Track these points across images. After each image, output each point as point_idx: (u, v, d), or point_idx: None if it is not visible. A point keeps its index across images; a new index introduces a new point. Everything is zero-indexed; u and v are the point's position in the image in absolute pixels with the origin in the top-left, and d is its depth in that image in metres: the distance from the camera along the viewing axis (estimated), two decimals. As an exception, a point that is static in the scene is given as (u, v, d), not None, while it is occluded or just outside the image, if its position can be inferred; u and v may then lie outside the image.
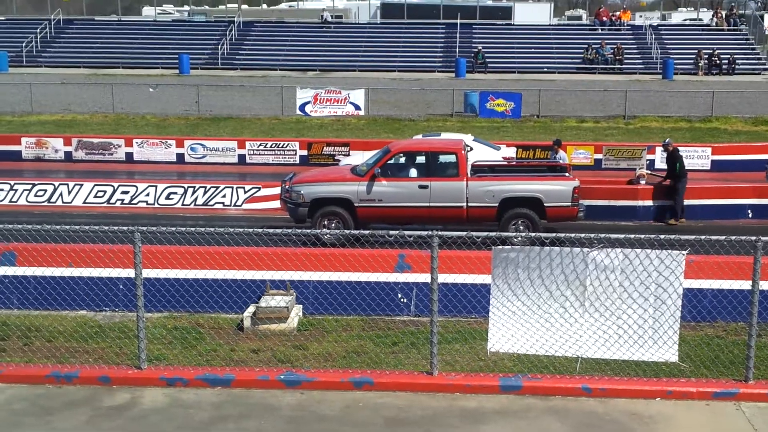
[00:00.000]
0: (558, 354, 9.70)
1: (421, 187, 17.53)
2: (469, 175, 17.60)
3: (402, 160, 18.14)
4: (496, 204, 17.43)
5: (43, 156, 27.93)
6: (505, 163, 19.92)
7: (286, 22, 56.29)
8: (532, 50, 50.54)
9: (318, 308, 12.62)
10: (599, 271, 9.41)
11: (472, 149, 21.71)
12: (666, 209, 20.25)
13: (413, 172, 17.86)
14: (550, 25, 56.47)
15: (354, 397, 9.47)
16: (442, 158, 18.04)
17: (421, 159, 18.04)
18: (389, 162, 17.93)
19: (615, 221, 19.97)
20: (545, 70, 48.07)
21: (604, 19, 53.77)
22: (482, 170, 18.14)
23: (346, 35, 53.69)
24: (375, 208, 17.58)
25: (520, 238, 15.95)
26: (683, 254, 9.33)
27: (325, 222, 17.57)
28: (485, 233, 10.33)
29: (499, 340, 9.71)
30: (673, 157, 20.34)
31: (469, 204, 17.48)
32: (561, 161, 20.19)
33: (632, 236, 9.60)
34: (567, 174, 18.14)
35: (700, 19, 59.59)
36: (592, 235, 9.54)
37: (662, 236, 9.61)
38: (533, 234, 10.39)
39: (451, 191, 17.48)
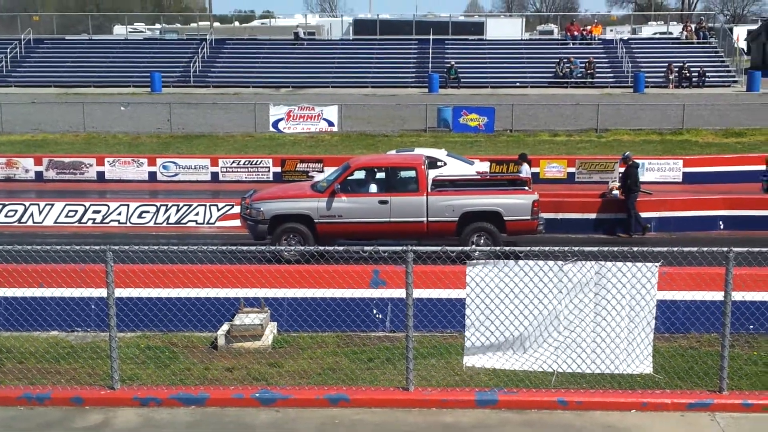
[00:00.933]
0: (534, 368, 9.70)
1: (381, 202, 17.54)
2: (429, 190, 17.63)
3: (361, 175, 18.13)
4: (457, 218, 17.46)
5: (13, 176, 27.67)
6: (466, 177, 19.93)
7: (259, 40, 56.33)
8: (505, 65, 50.88)
9: (293, 325, 12.56)
10: (573, 284, 9.43)
11: (445, 164, 21.81)
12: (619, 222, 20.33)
13: (373, 188, 17.86)
14: (522, 39, 56.88)
15: (330, 414, 9.41)
16: (402, 173, 18.07)
17: (380, 174, 18.05)
18: (349, 178, 17.91)
19: (589, 234, 20.08)
20: (518, 84, 48.39)
21: (576, 33, 54.24)
22: (443, 185, 18.17)
23: (319, 52, 53.78)
24: (335, 224, 17.55)
25: (485, 253, 15.96)
26: (656, 266, 9.37)
27: (285, 239, 17.49)
28: (460, 248, 10.33)
29: (474, 355, 9.70)
30: (628, 172, 20.40)
31: (430, 219, 17.49)
32: (523, 175, 20.24)
33: (605, 249, 9.63)
34: (527, 188, 18.20)
35: (670, 33, 60.26)
36: (566, 248, 9.55)
37: (635, 248, 9.66)
38: (507, 248, 10.39)
39: (411, 206, 17.49)
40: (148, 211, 21.34)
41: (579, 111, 38.02)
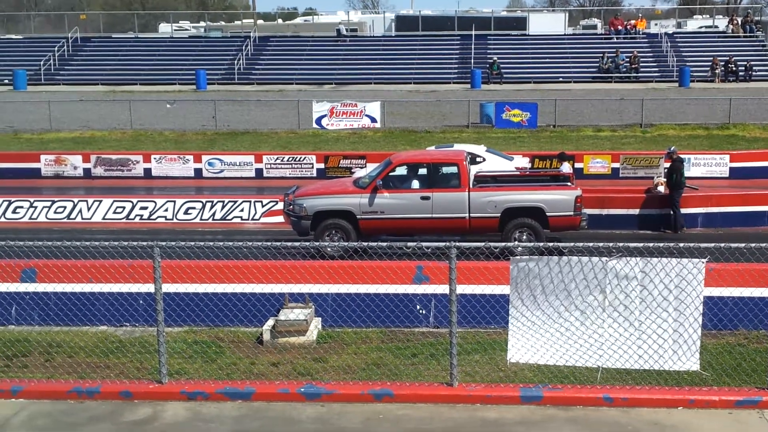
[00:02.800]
0: (578, 364, 9.66)
1: (423, 198, 17.55)
2: (471, 186, 17.60)
3: (403, 171, 18.16)
4: (499, 214, 17.42)
5: (62, 173, 28.14)
6: (509, 173, 19.87)
7: (302, 37, 56.54)
8: (548, 60, 50.52)
9: (337, 321, 12.63)
10: (618, 280, 9.39)
11: (484, 160, 21.75)
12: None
13: (415, 184, 17.89)
14: (565, 34, 56.43)
15: (374, 409, 9.47)
16: (444, 169, 18.06)
17: (422, 171, 18.07)
18: (391, 174, 17.96)
19: (634, 230, 19.91)
20: (561, 79, 48.02)
21: (619, 27, 53.68)
22: (485, 181, 18.13)
23: (362, 48, 53.86)
24: (377, 220, 17.60)
25: (528, 248, 15.91)
26: (703, 262, 9.29)
27: (328, 235, 17.59)
28: (503, 244, 10.33)
29: (518, 351, 9.69)
30: (673, 167, 20.16)
31: (472, 215, 17.47)
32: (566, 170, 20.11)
33: (651, 245, 9.56)
34: (570, 183, 18.10)
35: (716, 26, 59.34)
36: (611, 244, 9.50)
37: (681, 244, 9.57)
38: (551, 244, 10.38)
39: (453, 202, 17.49)
40: (194, 208, 21.59)
41: (623, 106, 37.66)
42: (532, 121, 34.48)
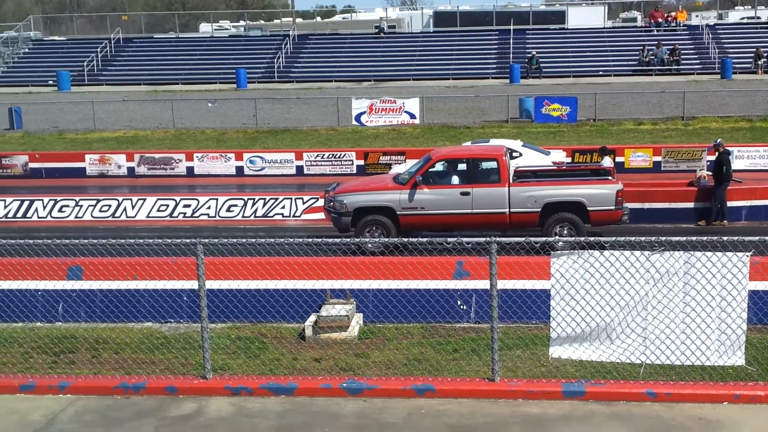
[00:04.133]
0: (621, 359, 9.61)
1: (462, 194, 17.54)
2: (511, 181, 17.55)
3: (443, 167, 18.17)
4: (539, 209, 17.35)
5: (106, 172, 28.53)
6: (548, 167, 19.77)
7: (340, 34, 56.72)
8: (587, 54, 50.14)
9: (378, 316, 12.68)
10: (661, 275, 9.32)
11: (521, 155, 21.66)
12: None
13: (455, 179, 17.88)
14: (604, 27, 55.94)
15: (416, 404, 9.50)
16: (484, 164, 18.03)
17: (462, 166, 18.06)
18: (430, 169, 17.96)
19: (676, 224, 19.72)
20: (601, 73, 47.65)
21: (660, 20, 53.10)
22: (525, 175, 18.07)
23: (400, 45, 53.88)
24: (417, 216, 17.62)
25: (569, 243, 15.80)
26: (748, 256, 9.19)
27: (368, 231, 17.65)
28: (543, 239, 10.30)
29: (560, 346, 9.67)
30: (720, 159, 19.91)
31: (512, 210, 17.41)
32: (607, 164, 19.98)
33: (694, 238, 9.48)
34: (611, 177, 17.97)
35: (758, 17, 58.45)
36: (653, 238, 9.43)
37: (725, 238, 9.47)
38: (592, 239, 10.31)
39: (493, 197, 17.45)
40: (236, 205, 21.78)
41: (664, 99, 37.27)
42: (571, 115, 34.27)
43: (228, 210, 21.78)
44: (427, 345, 11.45)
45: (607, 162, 20.69)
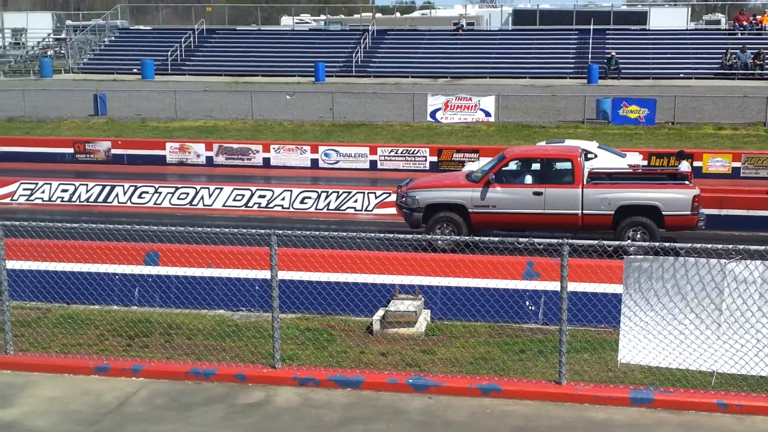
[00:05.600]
0: (692, 368, 9.46)
1: (535, 193, 17.42)
2: (585, 182, 17.36)
3: (516, 166, 18.07)
4: (612, 212, 17.13)
5: (186, 160, 29.10)
6: (623, 170, 19.50)
7: (419, 30, 56.68)
8: (668, 56, 49.16)
9: (446, 313, 12.71)
10: (737, 284, 9.14)
11: (596, 156, 21.42)
12: None
13: (528, 179, 17.78)
14: (687, 29, 54.77)
15: (481, 403, 9.51)
16: (558, 165, 17.89)
17: (536, 166, 17.95)
18: (504, 168, 17.88)
19: (755, 232, 19.27)
20: (681, 75, 46.68)
21: (744, 23, 51.76)
22: (599, 177, 17.85)
23: (478, 42, 53.62)
24: (489, 214, 17.56)
25: (643, 248, 15.56)
26: (827, 268, 8.96)
27: (439, 228, 17.65)
28: (617, 242, 10.19)
29: (629, 352, 9.56)
30: None
31: (585, 211, 17.23)
32: (683, 168, 19.61)
33: (772, 248, 9.28)
34: (687, 182, 17.63)
35: None
36: (730, 246, 9.25)
37: (805, 249, 9.24)
38: (667, 244, 10.17)
39: (566, 198, 17.29)
40: (309, 197, 22.02)
41: (746, 104, 36.33)
42: (649, 117, 33.67)
43: (302, 202, 22.03)
44: (493, 344, 11.43)
45: (684, 166, 20.31)
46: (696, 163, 24.62)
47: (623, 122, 33.56)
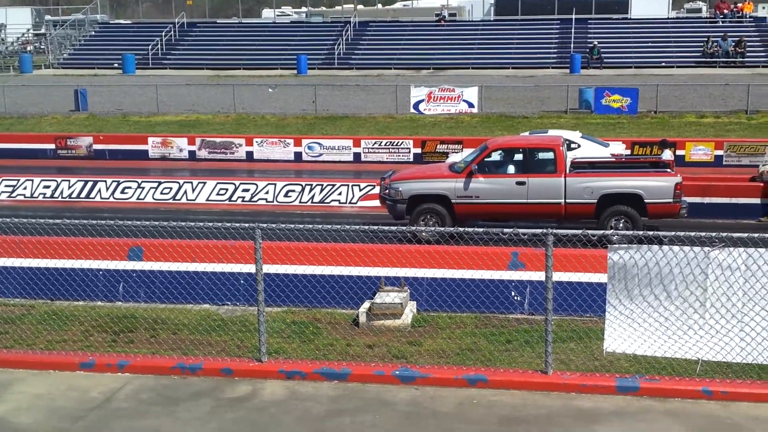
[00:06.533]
0: (677, 356, 9.51)
1: (518, 183, 17.46)
2: (567, 172, 17.40)
3: (499, 156, 18.09)
4: (595, 200, 17.19)
5: (168, 155, 29.00)
6: (605, 159, 19.57)
7: (401, 22, 56.60)
8: (650, 44, 49.32)
9: (432, 305, 12.73)
10: (721, 270, 9.19)
11: (579, 146, 21.49)
12: None
13: (511, 169, 17.82)
14: (668, 18, 54.92)
15: (468, 394, 9.53)
16: (540, 155, 17.94)
17: (518, 156, 17.99)
18: (486, 159, 17.91)
19: (737, 219, 19.39)
20: (663, 64, 46.88)
21: (725, 11, 52.00)
22: (581, 166, 17.91)
23: (460, 33, 53.60)
24: (472, 204, 17.59)
25: (626, 237, 15.64)
26: (810, 254, 9.02)
27: (423, 219, 17.66)
28: (601, 232, 10.22)
29: (615, 340, 9.60)
30: None
31: (567, 200, 17.29)
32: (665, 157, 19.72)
33: (756, 235, 9.33)
34: (669, 170, 17.71)
35: (831, 9, 56.90)
36: (713, 234, 9.30)
37: (788, 235, 9.30)
38: (651, 233, 10.26)
39: (548, 188, 17.34)
40: (293, 190, 21.99)
41: (728, 92, 36.53)
42: (632, 106, 33.79)
43: (286, 195, 22.00)
44: (479, 335, 11.45)
45: (667, 155, 20.42)
46: (679, 152, 24.75)
47: (606, 112, 33.67)
